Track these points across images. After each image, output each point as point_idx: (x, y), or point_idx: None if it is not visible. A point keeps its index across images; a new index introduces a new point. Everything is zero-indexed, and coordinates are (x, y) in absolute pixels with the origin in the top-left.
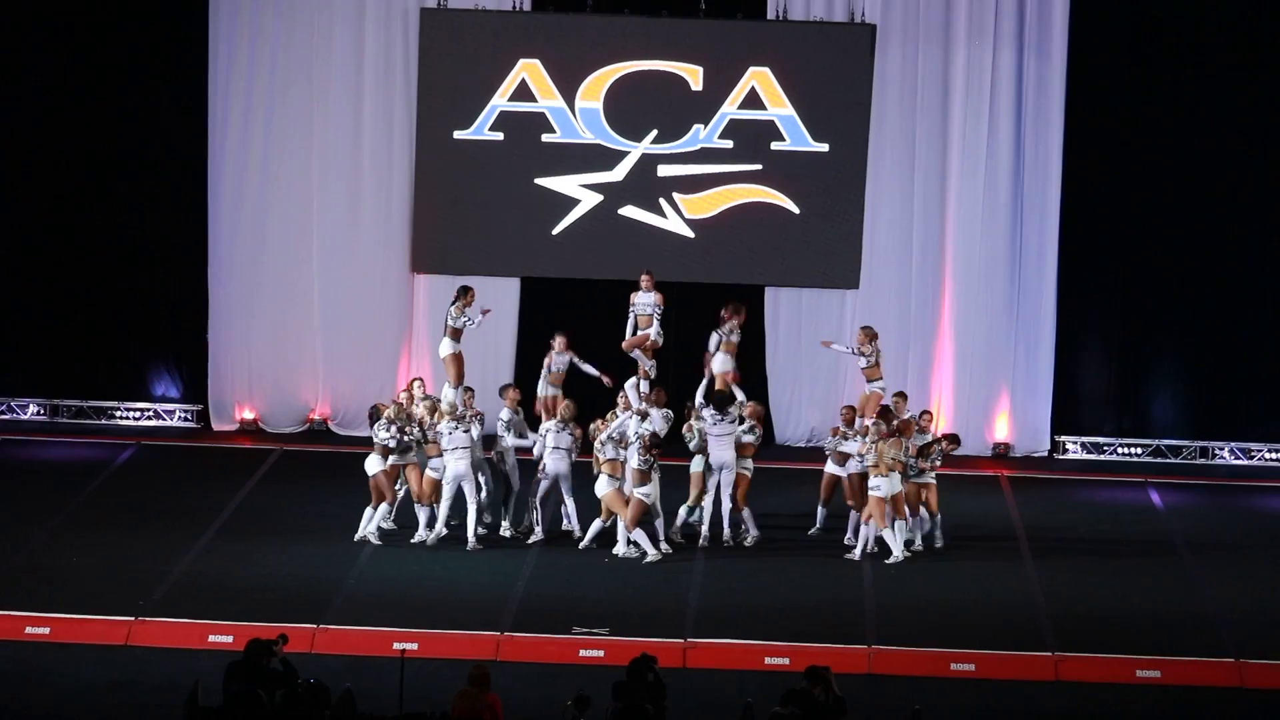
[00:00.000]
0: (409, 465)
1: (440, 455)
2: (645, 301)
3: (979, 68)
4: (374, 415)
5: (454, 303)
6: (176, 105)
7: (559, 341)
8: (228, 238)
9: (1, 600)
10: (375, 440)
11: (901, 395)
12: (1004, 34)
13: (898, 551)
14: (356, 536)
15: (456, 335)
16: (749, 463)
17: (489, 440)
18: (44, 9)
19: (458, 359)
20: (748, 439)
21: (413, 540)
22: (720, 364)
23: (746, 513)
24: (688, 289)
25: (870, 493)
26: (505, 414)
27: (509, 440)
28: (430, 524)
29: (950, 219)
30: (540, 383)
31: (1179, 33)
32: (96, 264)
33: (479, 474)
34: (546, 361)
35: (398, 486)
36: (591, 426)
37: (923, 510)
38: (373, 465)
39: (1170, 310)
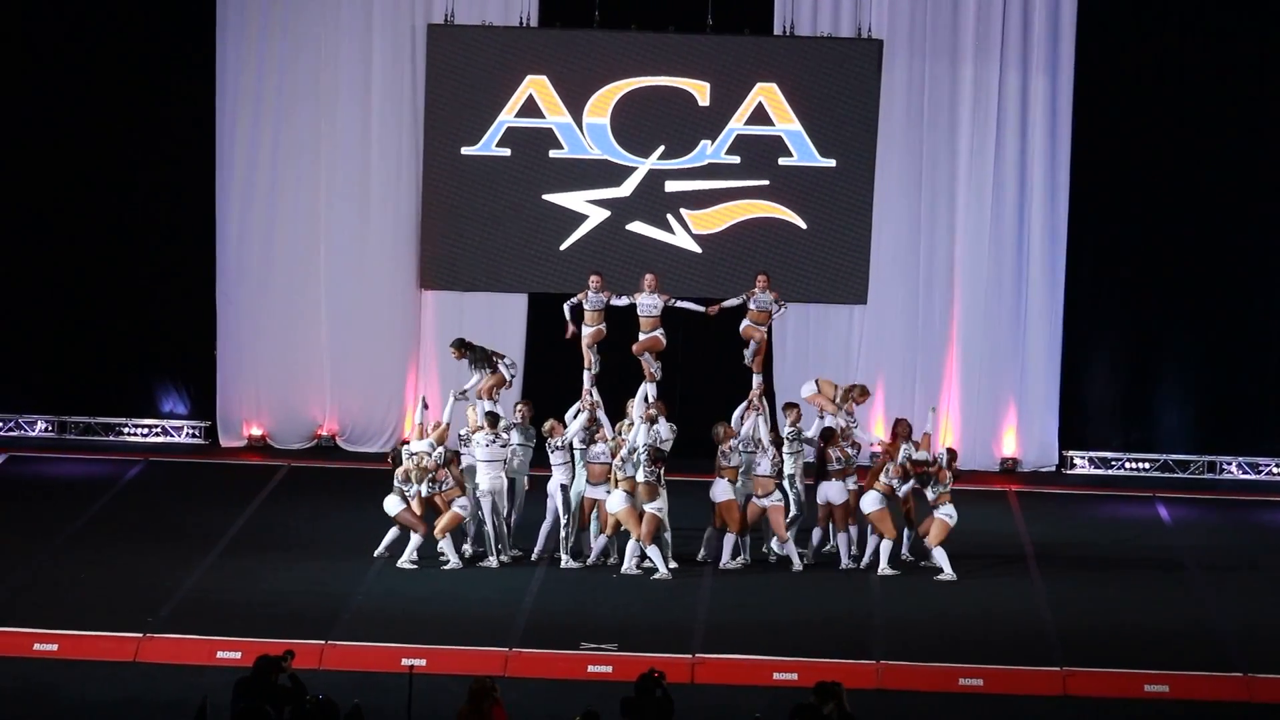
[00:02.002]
0: (434, 497)
1: (462, 495)
2: (650, 303)
3: (986, 83)
4: (394, 459)
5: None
6: (184, 121)
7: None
8: (236, 254)
9: (9, 617)
10: (417, 484)
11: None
12: (1011, 50)
13: (737, 561)
14: (376, 553)
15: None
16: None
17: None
18: (49, 29)
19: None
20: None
21: (445, 567)
22: (743, 325)
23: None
24: None
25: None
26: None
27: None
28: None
29: (958, 233)
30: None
31: (1186, 51)
32: (104, 280)
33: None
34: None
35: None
36: (611, 443)
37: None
38: (393, 506)
39: (1177, 325)
